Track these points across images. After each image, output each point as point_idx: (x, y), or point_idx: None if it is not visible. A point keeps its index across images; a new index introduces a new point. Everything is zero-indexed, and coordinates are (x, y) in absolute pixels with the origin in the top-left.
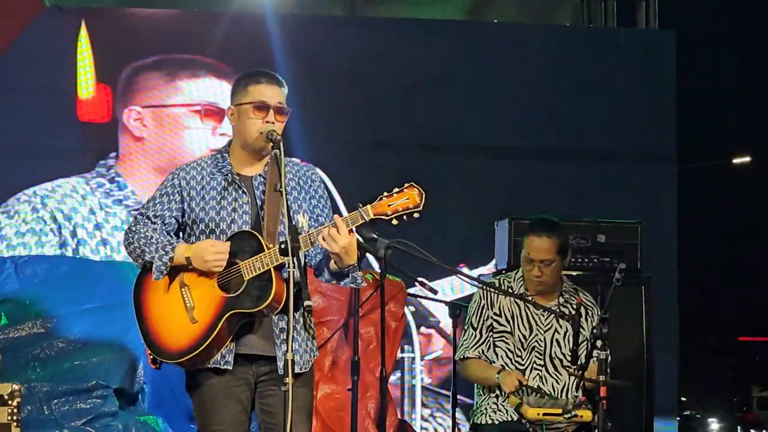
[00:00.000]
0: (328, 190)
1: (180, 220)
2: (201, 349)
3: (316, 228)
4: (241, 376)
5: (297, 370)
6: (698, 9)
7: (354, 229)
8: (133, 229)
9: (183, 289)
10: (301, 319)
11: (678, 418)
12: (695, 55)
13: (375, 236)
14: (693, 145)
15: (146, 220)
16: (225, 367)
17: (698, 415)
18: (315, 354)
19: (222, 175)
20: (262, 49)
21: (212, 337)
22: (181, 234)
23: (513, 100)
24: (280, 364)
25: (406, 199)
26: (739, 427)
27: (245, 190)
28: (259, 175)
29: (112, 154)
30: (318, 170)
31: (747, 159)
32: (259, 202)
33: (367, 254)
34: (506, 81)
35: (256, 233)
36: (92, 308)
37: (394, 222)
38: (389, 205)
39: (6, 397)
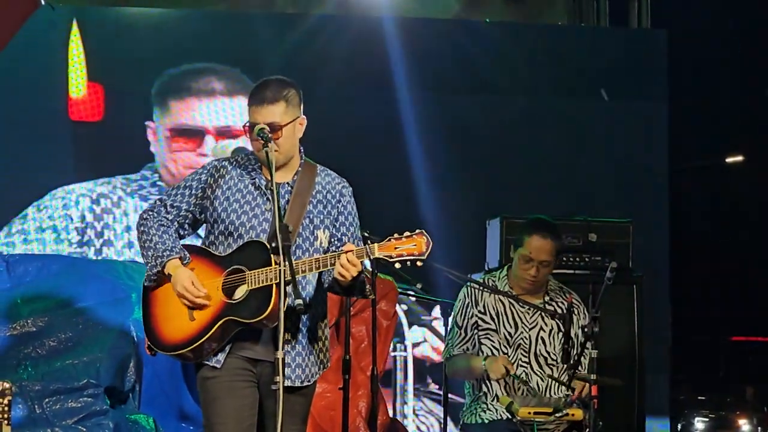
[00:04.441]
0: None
1: (198, 216)
2: (193, 347)
3: (336, 247)
4: (247, 375)
5: (299, 384)
6: (690, 8)
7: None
8: (145, 217)
9: None
10: (308, 335)
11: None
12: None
13: (366, 235)
14: (685, 145)
15: (161, 209)
16: (215, 365)
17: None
18: (324, 366)
19: (250, 178)
20: (258, 49)
21: (205, 337)
22: (201, 229)
23: (504, 101)
24: (287, 369)
25: (413, 245)
26: (759, 428)
27: (270, 197)
28: (287, 183)
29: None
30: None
31: (740, 158)
32: (282, 212)
33: None
34: (497, 81)
35: (268, 246)
36: (84, 307)
37: (397, 265)
38: (396, 248)
39: None
